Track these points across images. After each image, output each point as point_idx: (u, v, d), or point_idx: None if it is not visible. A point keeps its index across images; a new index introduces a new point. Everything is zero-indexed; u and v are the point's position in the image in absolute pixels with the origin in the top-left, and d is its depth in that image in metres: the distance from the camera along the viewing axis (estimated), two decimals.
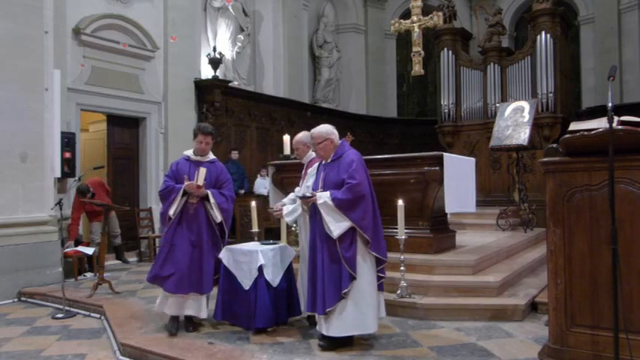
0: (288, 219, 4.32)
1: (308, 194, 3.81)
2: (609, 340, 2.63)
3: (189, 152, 4.42)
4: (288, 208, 4.29)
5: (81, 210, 7.12)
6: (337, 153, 3.84)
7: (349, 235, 3.61)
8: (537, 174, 8.92)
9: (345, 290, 3.55)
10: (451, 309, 4.45)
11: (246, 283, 4.07)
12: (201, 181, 4.18)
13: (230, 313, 4.21)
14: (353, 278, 3.57)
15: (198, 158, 4.38)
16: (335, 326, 3.61)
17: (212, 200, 4.25)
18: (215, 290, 4.31)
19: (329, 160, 3.87)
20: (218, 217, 4.28)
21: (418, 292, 4.68)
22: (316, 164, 4.13)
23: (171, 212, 4.17)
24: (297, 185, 4.54)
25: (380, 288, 3.81)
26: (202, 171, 4.20)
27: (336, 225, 3.59)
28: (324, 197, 3.64)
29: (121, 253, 7.94)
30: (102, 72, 8.16)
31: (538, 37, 10.17)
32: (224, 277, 4.24)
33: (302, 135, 4.48)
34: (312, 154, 4.41)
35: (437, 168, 5.12)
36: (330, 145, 3.85)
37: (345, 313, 3.59)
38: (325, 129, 3.88)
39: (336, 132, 3.93)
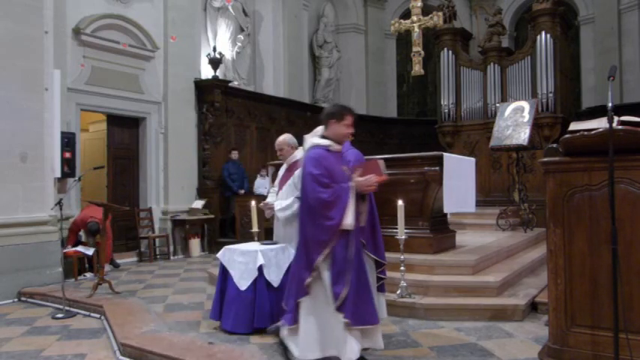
0: (280, 215, 4.26)
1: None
2: (609, 340, 2.63)
3: (321, 140, 3.33)
4: (282, 203, 4.23)
5: (77, 232, 7.16)
6: None
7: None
8: (537, 174, 8.92)
9: None
10: (451, 309, 4.45)
11: (243, 284, 4.06)
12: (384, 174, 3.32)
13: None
14: None
15: (339, 147, 3.37)
16: None
17: (367, 198, 3.40)
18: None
19: None
20: (364, 220, 3.43)
21: (418, 292, 4.68)
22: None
23: (350, 221, 3.09)
24: None
25: (381, 289, 3.80)
26: (382, 162, 3.36)
27: None
28: None
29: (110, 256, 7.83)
30: (102, 72, 8.16)
31: (538, 37, 10.17)
32: (223, 277, 4.24)
33: (286, 136, 4.49)
34: (295, 155, 4.39)
35: (437, 168, 5.12)
36: None
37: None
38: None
39: None
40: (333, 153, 3.30)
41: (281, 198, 4.34)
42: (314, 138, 3.38)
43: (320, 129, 3.44)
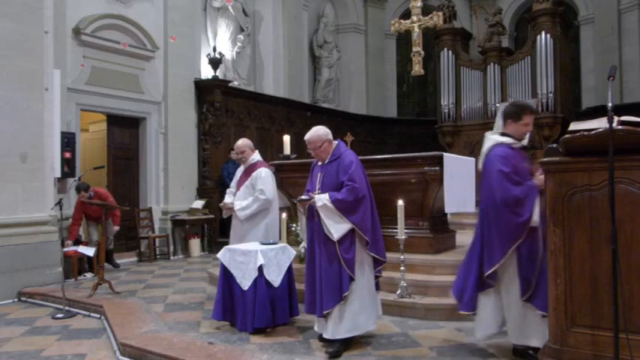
0: (241, 214, 4.58)
1: (305, 196, 3.80)
2: (609, 340, 2.63)
3: (504, 138, 3.43)
4: (242, 204, 4.58)
5: (82, 211, 7.11)
6: (334, 154, 3.81)
7: (349, 236, 3.60)
8: None
9: (346, 293, 3.56)
10: (451, 309, 4.42)
11: (245, 284, 4.07)
12: None
13: (230, 313, 4.21)
14: (352, 280, 3.57)
15: (520, 144, 3.50)
16: (333, 328, 3.61)
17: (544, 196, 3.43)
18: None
19: (326, 162, 3.85)
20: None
21: (418, 292, 4.68)
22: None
23: (537, 217, 3.17)
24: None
25: (376, 288, 3.83)
26: None
27: (337, 227, 3.58)
28: (322, 199, 3.62)
29: (110, 257, 7.82)
30: (102, 72, 8.16)
31: (538, 37, 10.18)
32: (224, 277, 4.24)
33: (245, 139, 4.83)
34: (254, 157, 4.75)
35: (437, 168, 5.12)
36: (329, 147, 3.85)
37: (343, 314, 3.60)
38: (322, 131, 3.86)
39: (330, 132, 3.92)
40: (516, 150, 3.39)
41: (239, 199, 4.71)
42: (496, 136, 3.45)
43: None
